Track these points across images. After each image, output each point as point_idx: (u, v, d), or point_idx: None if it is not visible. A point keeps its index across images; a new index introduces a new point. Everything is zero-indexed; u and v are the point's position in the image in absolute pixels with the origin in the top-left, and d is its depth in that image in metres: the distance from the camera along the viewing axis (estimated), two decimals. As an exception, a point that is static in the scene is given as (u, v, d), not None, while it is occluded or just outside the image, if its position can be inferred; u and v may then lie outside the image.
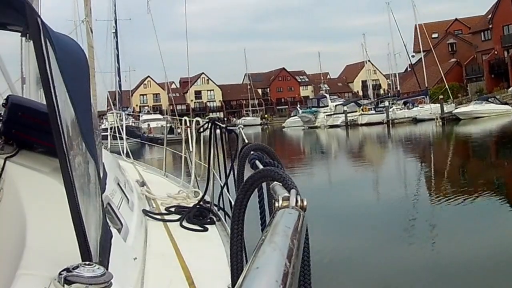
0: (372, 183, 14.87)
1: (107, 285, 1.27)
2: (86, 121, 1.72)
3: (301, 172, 17.32)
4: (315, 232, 1.90)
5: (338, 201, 11.47)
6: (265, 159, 1.63)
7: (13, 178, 1.95)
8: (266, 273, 0.63)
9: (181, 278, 2.43)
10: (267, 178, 1.22)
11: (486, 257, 6.41)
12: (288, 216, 0.87)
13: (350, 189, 13.30)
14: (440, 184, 13.32)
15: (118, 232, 2.28)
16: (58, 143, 1.36)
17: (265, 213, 1.66)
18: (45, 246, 1.59)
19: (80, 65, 1.89)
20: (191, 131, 5.13)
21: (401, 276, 6.15)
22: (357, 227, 8.65)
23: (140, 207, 3.48)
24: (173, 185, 5.40)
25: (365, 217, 9.39)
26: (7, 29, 2.59)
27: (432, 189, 12.64)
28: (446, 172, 15.52)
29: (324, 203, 10.16)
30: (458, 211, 9.47)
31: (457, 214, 9.30)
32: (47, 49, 1.37)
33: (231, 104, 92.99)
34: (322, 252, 6.51)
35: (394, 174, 16.55)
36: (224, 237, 3.22)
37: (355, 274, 6.37)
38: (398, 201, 10.85)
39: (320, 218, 7.99)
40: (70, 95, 1.50)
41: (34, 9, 1.45)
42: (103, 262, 1.51)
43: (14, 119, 2.14)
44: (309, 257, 1.06)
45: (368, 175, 16.52)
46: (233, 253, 1.23)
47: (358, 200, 11.34)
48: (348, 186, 13.98)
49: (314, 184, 14.61)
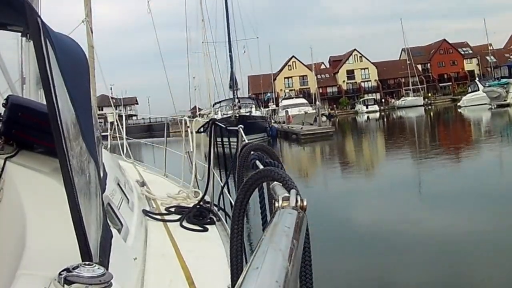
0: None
1: (107, 285, 1.27)
2: (86, 121, 1.72)
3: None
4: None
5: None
6: (265, 159, 1.63)
7: (13, 178, 1.94)
8: (266, 273, 0.63)
9: (181, 278, 2.43)
10: (267, 178, 1.22)
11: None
12: (288, 216, 0.87)
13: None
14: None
15: (118, 232, 2.28)
16: (58, 143, 1.36)
17: (265, 213, 1.66)
18: (45, 246, 1.59)
19: (80, 65, 1.89)
20: (191, 131, 5.13)
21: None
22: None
23: (140, 207, 3.48)
24: (173, 185, 5.40)
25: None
26: (7, 29, 2.59)
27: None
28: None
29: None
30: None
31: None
32: (47, 49, 1.37)
33: (388, 83, 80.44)
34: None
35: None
36: (224, 237, 3.22)
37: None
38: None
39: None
40: (70, 95, 1.50)
41: (34, 9, 1.45)
42: (103, 262, 1.51)
43: (14, 119, 2.14)
44: (311, 257, 1.06)
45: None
46: (233, 253, 1.23)
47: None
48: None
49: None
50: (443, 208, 8.90)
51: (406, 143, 23.55)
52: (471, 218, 8.13)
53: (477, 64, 77.32)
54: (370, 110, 65.79)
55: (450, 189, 10.64)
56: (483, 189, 10.29)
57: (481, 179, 11.57)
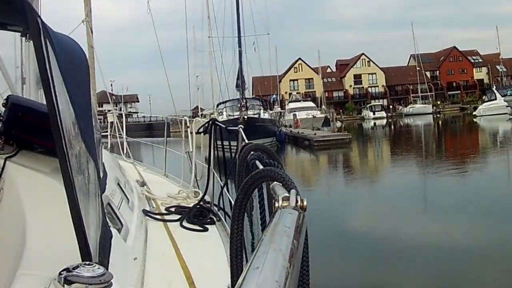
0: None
1: (107, 285, 1.27)
2: (86, 121, 1.72)
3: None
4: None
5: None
6: (265, 159, 1.63)
7: (13, 178, 1.94)
8: (266, 273, 0.63)
9: (181, 278, 2.43)
10: (267, 178, 1.22)
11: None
12: (288, 216, 0.87)
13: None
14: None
15: (118, 232, 2.28)
16: (58, 143, 1.36)
17: (265, 213, 1.66)
18: (45, 246, 1.59)
19: (80, 65, 1.90)
20: (191, 131, 5.13)
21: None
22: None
23: (140, 207, 3.48)
24: (173, 185, 5.40)
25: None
26: (7, 29, 2.59)
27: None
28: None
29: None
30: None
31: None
32: (47, 49, 1.37)
33: (395, 89, 78.44)
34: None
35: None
36: (224, 237, 3.22)
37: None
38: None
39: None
40: (70, 95, 1.50)
41: (34, 9, 1.45)
42: (103, 262, 1.51)
43: (14, 119, 2.14)
44: (309, 257, 1.06)
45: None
46: (233, 253, 1.23)
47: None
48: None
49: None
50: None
51: (432, 154, 22.05)
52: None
53: (487, 73, 76.04)
54: (377, 117, 63.83)
55: (495, 204, 9.80)
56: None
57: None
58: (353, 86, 77.75)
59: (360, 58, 78.68)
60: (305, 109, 42.20)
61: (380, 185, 14.75)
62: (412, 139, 32.11)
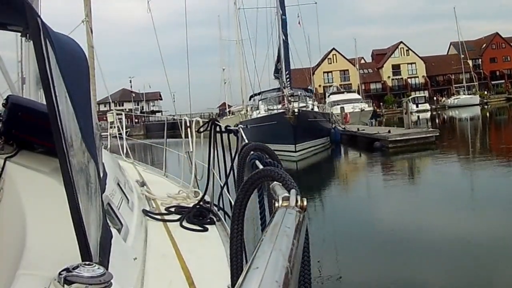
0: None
1: (107, 285, 1.27)
2: (86, 121, 1.72)
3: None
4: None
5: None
6: (265, 159, 1.63)
7: (13, 178, 1.95)
8: (266, 273, 0.63)
9: (181, 278, 2.43)
10: (267, 178, 1.21)
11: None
12: (288, 216, 0.87)
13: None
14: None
15: (118, 232, 2.28)
16: (58, 143, 1.36)
17: (265, 213, 1.66)
18: (45, 246, 1.59)
19: (80, 65, 1.90)
20: (191, 131, 5.13)
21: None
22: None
23: (140, 207, 3.48)
24: (173, 185, 5.40)
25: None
26: (7, 29, 2.59)
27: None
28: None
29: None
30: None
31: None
32: (47, 49, 1.37)
33: (436, 80, 72.54)
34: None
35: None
36: (224, 237, 3.22)
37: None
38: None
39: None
40: (70, 95, 1.50)
41: (34, 9, 1.45)
42: (103, 262, 1.51)
43: (14, 119, 2.14)
44: (309, 257, 1.06)
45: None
46: (233, 253, 1.23)
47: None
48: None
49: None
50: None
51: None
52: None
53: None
54: (421, 109, 56.44)
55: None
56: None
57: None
58: (392, 77, 72.10)
59: (398, 47, 72.97)
60: (351, 102, 36.56)
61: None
62: (502, 136, 26.22)
